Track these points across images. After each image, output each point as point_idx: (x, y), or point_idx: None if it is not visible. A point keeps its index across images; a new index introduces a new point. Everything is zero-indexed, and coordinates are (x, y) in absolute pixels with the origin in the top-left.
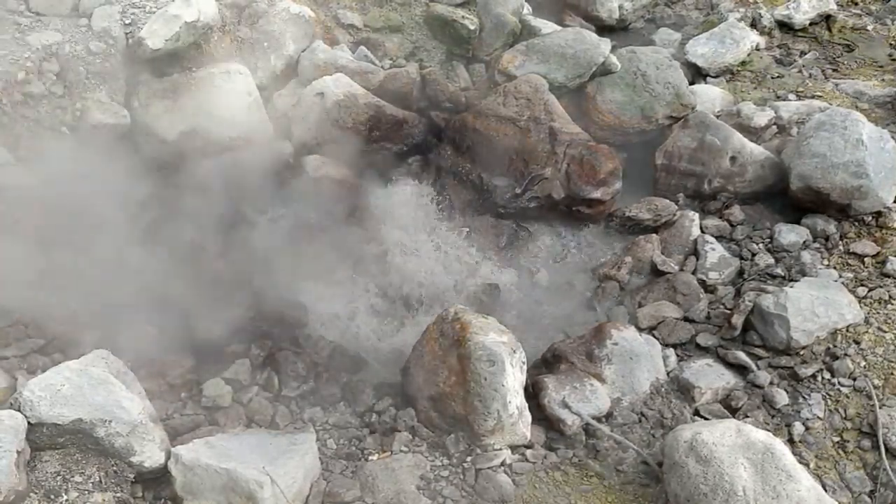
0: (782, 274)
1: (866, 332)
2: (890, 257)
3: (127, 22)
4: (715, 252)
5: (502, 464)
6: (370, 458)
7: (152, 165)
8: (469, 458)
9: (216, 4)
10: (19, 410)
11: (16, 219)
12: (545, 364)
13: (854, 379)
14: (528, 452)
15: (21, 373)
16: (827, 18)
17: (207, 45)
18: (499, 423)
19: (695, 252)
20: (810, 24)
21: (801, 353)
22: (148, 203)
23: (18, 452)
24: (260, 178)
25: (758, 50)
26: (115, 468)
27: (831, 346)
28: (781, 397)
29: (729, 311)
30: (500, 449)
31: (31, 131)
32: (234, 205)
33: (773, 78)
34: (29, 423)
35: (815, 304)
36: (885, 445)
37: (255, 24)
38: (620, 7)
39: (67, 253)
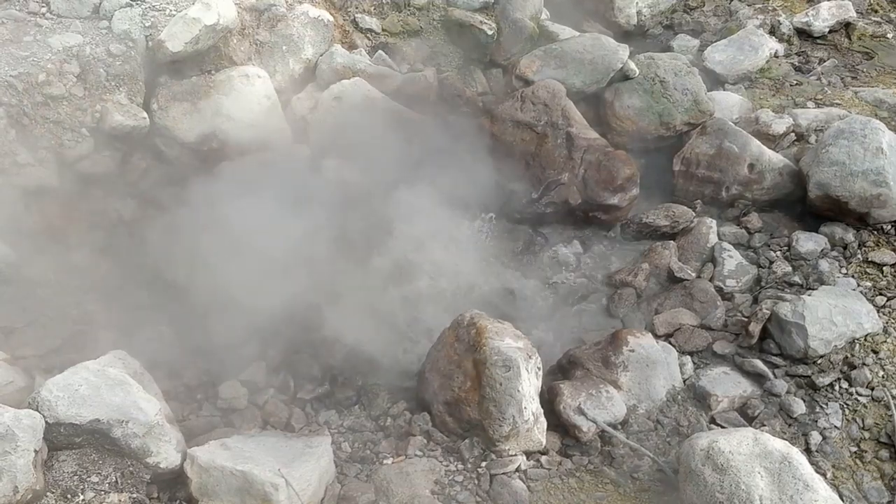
0: (800, 282)
1: (885, 341)
2: None
3: (147, 24)
4: (732, 259)
5: (517, 470)
6: (385, 461)
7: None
8: (484, 464)
9: (235, 8)
10: (37, 410)
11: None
12: (561, 370)
13: (872, 389)
14: (543, 459)
15: (39, 372)
16: (846, 26)
17: (227, 48)
18: (514, 428)
19: (712, 259)
20: (829, 32)
21: (819, 362)
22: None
23: (36, 452)
24: (277, 181)
25: (776, 57)
26: (131, 469)
27: (849, 355)
28: (799, 406)
29: (746, 319)
30: (515, 455)
31: (51, 132)
32: (251, 207)
33: (791, 85)
34: (47, 422)
35: (833, 313)
36: None
37: (274, 28)
38: (639, 13)
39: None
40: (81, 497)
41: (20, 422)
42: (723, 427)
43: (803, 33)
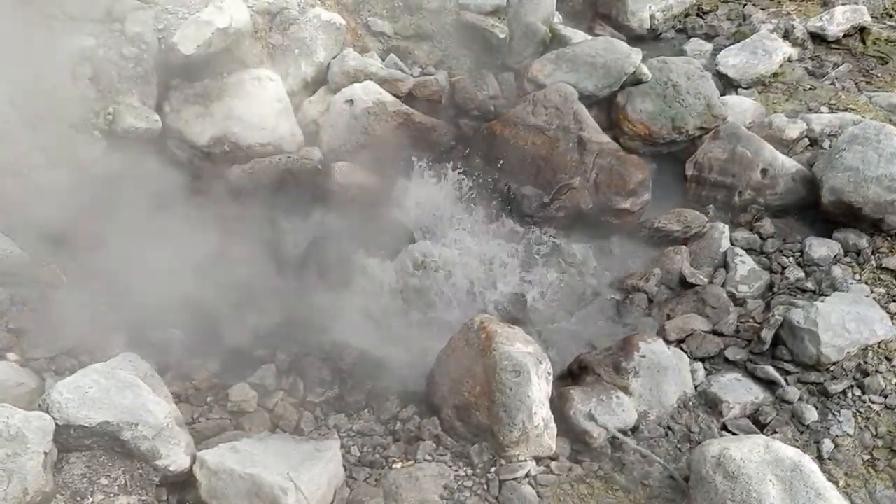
0: (813, 288)
1: None
2: None
3: (160, 27)
4: (745, 265)
5: (527, 475)
6: (394, 466)
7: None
8: (493, 469)
9: (248, 11)
10: (47, 412)
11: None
12: (571, 375)
13: (885, 396)
14: (553, 464)
15: (49, 374)
16: (861, 30)
17: (239, 51)
18: (524, 434)
19: (724, 264)
20: (844, 36)
21: (832, 368)
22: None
23: (46, 454)
24: (288, 184)
25: (790, 61)
26: (140, 471)
27: (862, 362)
28: (811, 413)
29: (758, 325)
30: (525, 460)
31: (64, 135)
32: (261, 210)
33: (805, 90)
34: (56, 424)
35: (846, 320)
36: None
37: (286, 31)
38: (652, 17)
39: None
40: (90, 499)
41: (30, 423)
42: (734, 434)
43: (817, 37)
